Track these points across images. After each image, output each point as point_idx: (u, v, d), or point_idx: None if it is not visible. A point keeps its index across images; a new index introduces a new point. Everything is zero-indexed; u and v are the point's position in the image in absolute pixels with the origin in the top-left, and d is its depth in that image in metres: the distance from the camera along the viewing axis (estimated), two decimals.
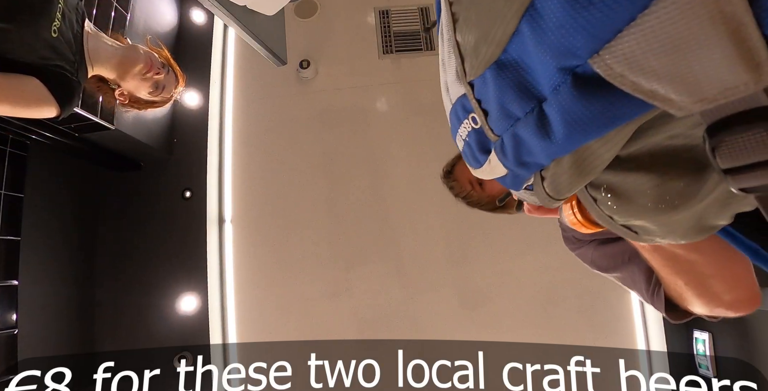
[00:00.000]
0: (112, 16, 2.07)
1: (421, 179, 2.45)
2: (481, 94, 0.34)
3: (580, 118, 0.27)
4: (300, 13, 2.77)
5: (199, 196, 2.53)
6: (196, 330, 2.40)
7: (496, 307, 2.39)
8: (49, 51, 0.97)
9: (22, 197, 2.06)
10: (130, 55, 1.12)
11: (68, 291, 2.31)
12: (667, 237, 0.36)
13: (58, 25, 0.98)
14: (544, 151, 0.31)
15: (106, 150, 2.32)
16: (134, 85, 1.14)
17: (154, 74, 1.13)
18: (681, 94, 0.22)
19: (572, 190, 0.35)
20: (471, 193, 1.03)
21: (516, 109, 0.31)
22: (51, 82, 0.97)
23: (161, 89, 1.18)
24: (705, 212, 0.33)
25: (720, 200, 0.32)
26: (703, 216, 0.34)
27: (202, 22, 2.72)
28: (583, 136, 0.28)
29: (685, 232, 0.35)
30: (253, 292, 2.54)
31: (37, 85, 0.95)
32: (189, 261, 2.46)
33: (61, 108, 1.00)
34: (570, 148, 0.30)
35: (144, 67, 1.11)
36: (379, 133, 2.62)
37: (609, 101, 0.25)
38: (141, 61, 1.12)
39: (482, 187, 1.01)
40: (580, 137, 0.28)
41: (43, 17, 0.95)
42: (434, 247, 2.45)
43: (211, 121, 2.63)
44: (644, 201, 0.34)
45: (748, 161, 0.23)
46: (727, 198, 0.32)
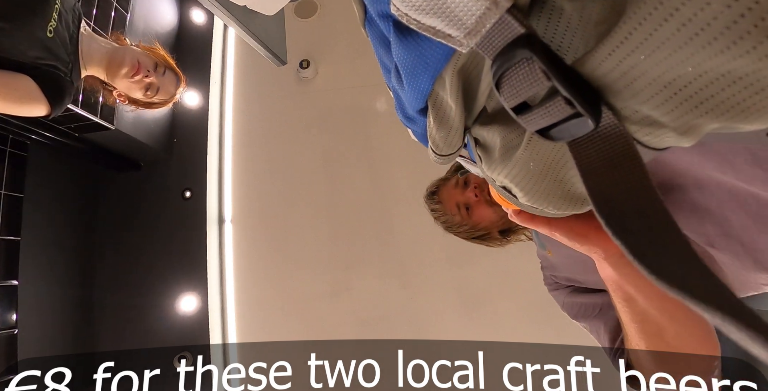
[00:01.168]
0: (112, 16, 2.06)
1: (421, 179, 2.44)
2: None
3: (408, 63, 0.27)
4: (300, 13, 2.77)
5: (199, 196, 2.53)
6: (196, 330, 2.40)
7: (496, 307, 2.39)
8: (43, 51, 0.98)
9: (22, 197, 2.06)
10: (117, 58, 1.11)
11: (68, 291, 2.31)
12: (534, 201, 0.34)
13: (54, 25, 0.98)
14: (406, 100, 0.32)
15: (106, 150, 2.32)
16: (124, 87, 1.14)
17: (143, 77, 1.12)
18: (452, 29, 0.21)
19: (448, 144, 0.35)
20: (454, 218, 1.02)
21: (387, 62, 0.31)
22: (43, 81, 0.98)
23: (155, 91, 1.17)
24: (560, 173, 0.30)
25: (560, 155, 0.29)
26: (561, 178, 0.31)
27: (202, 22, 2.72)
28: (416, 81, 0.28)
29: (549, 195, 0.33)
30: (253, 292, 2.54)
31: (29, 83, 0.96)
32: (189, 261, 2.46)
33: (51, 107, 1.00)
34: (417, 96, 0.30)
35: (130, 70, 1.11)
36: (379, 133, 2.62)
37: (419, 43, 0.25)
38: (127, 64, 1.11)
39: (470, 213, 0.99)
40: (415, 82, 0.28)
41: (38, 17, 0.96)
42: (434, 247, 2.45)
43: (211, 121, 2.63)
44: (495, 153, 0.33)
45: (522, 96, 0.21)
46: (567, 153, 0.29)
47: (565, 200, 0.33)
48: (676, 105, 0.19)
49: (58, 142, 2.06)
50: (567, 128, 0.22)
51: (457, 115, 0.31)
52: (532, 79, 0.20)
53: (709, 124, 0.20)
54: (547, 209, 0.34)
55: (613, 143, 0.22)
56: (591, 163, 0.22)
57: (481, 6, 0.20)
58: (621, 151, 0.22)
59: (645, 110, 0.21)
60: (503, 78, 0.21)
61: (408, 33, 0.25)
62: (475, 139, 0.36)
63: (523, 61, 0.20)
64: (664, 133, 0.22)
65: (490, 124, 0.32)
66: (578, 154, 0.23)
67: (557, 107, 0.20)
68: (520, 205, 0.36)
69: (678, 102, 0.19)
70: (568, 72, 0.20)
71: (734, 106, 0.18)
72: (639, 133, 0.23)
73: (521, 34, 0.20)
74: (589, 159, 0.23)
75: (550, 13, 0.22)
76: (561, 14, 0.22)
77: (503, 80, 0.21)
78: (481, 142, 0.35)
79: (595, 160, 0.22)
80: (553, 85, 0.20)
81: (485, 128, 0.33)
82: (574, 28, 0.22)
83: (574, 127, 0.21)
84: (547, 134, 0.23)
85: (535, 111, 0.21)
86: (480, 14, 0.20)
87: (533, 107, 0.22)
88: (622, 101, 0.21)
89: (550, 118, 0.21)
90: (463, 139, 0.36)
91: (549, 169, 0.30)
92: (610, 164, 0.22)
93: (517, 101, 0.22)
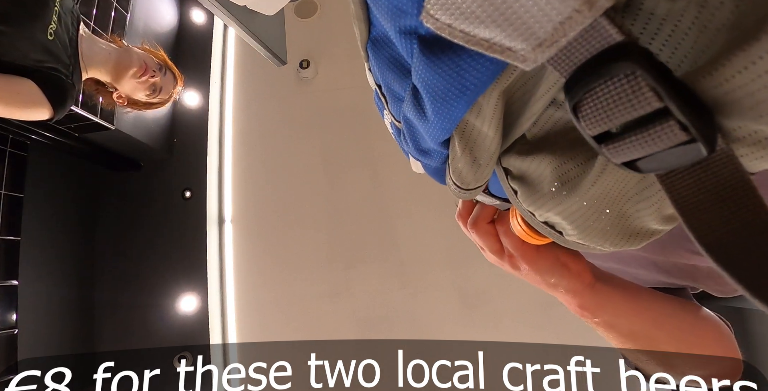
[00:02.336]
0: (112, 16, 2.06)
1: (421, 179, 2.44)
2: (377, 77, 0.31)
3: (438, 88, 0.23)
4: (300, 13, 2.77)
5: (199, 196, 2.53)
6: (196, 330, 2.40)
7: (496, 307, 2.39)
8: (44, 54, 0.97)
9: (22, 197, 2.06)
10: (124, 59, 1.12)
11: (68, 291, 2.31)
12: (589, 240, 0.30)
13: (54, 27, 0.98)
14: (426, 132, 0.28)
15: (106, 150, 2.32)
16: (130, 88, 1.14)
17: (149, 77, 1.13)
18: (515, 41, 0.18)
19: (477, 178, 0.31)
20: None
21: (398, 89, 0.28)
22: (45, 84, 0.97)
23: (158, 91, 1.17)
24: (624, 207, 0.27)
25: (629, 188, 0.25)
26: (624, 213, 0.27)
27: (202, 22, 2.72)
28: (448, 108, 0.24)
29: (607, 233, 0.29)
30: (253, 292, 2.54)
31: (31, 87, 0.95)
32: (189, 261, 2.46)
33: (54, 110, 1.00)
34: (445, 126, 0.26)
35: (138, 71, 1.11)
36: (379, 133, 2.62)
37: (456, 63, 0.22)
38: (135, 64, 1.11)
39: None
40: (446, 111, 0.25)
41: (39, 20, 0.95)
42: (434, 247, 2.45)
43: (211, 121, 2.63)
44: (545, 187, 0.28)
45: (616, 121, 0.18)
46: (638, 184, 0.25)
47: (624, 236, 0.29)
48: None
49: (58, 142, 2.06)
50: (666, 157, 0.18)
51: (494, 145, 0.27)
52: (635, 100, 0.17)
53: None
54: (603, 246, 0.30)
55: (717, 172, 0.18)
56: (689, 198, 0.19)
57: (567, 8, 0.16)
58: (729, 181, 0.18)
59: (763, 128, 0.17)
60: (585, 99, 0.18)
61: (440, 51, 0.22)
62: (505, 170, 0.31)
63: (620, 78, 0.16)
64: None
65: (535, 153, 0.28)
66: (672, 188, 0.19)
67: (666, 134, 0.17)
68: (564, 242, 0.32)
69: None
70: (682, 90, 0.17)
71: None
72: (747, 158, 0.19)
73: (617, 43, 0.16)
74: (686, 193, 0.19)
75: (650, 14, 0.18)
76: (664, 15, 0.18)
77: (584, 102, 0.18)
78: (516, 174, 0.31)
79: (694, 193, 0.19)
80: (665, 106, 0.16)
81: (526, 159, 0.28)
82: (683, 32, 0.18)
83: (678, 155, 0.18)
84: (633, 165, 0.19)
85: (629, 139, 0.18)
86: (562, 19, 0.16)
87: (622, 134, 0.18)
88: (740, 121, 0.17)
89: (651, 147, 0.17)
90: None
91: (613, 203, 0.26)
92: (715, 198, 0.18)
93: (605, 128, 0.18)
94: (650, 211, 0.26)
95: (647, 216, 0.26)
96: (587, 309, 0.48)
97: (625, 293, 0.49)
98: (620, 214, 0.27)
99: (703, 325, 0.50)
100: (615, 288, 0.49)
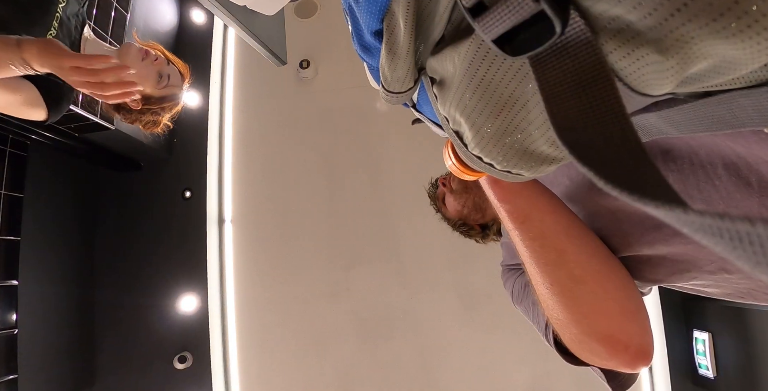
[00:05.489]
0: (113, 16, 2.07)
1: (420, 179, 2.44)
2: None
3: None
4: (300, 13, 2.77)
5: (199, 196, 2.53)
6: (196, 330, 2.40)
7: (496, 307, 2.38)
8: None
9: (22, 197, 2.06)
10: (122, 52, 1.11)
11: (68, 291, 2.31)
12: (492, 155, 0.30)
13: (53, 33, 0.99)
14: (362, 20, 0.31)
15: (106, 150, 2.32)
16: (139, 75, 1.12)
17: (152, 60, 1.11)
18: None
19: (397, 78, 0.33)
20: (439, 211, 1.02)
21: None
22: (44, 88, 0.98)
23: (167, 78, 1.15)
24: (515, 120, 0.27)
25: (518, 92, 0.25)
26: (517, 126, 0.27)
27: (202, 22, 2.72)
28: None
29: (499, 147, 0.29)
30: (253, 292, 2.54)
31: (31, 90, 0.96)
32: (189, 261, 2.46)
33: (49, 113, 1.01)
34: (373, 10, 0.28)
35: (138, 54, 1.09)
36: (379, 133, 2.62)
37: None
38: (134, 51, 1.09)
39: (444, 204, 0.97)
40: None
41: (39, 25, 0.96)
42: (434, 246, 2.45)
43: (211, 121, 2.63)
44: (451, 83, 0.29)
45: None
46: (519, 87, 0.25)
47: (522, 156, 0.29)
48: (658, 4, 0.17)
49: (58, 142, 2.06)
50: (528, 39, 0.19)
51: (406, 40, 0.29)
52: None
53: (693, 45, 0.18)
54: (514, 168, 0.30)
55: (582, 61, 0.19)
56: (555, 87, 0.20)
57: None
58: (590, 70, 0.19)
59: (622, 13, 0.18)
60: None
61: None
62: (431, 79, 0.33)
63: None
64: (643, 52, 0.19)
65: (443, 49, 0.29)
66: (542, 76, 0.20)
67: (519, 3, 0.18)
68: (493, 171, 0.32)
69: (660, 1, 0.17)
70: None
71: (721, 14, 0.16)
72: (615, 55, 0.20)
73: None
74: (553, 82, 0.20)
75: None
76: None
77: None
78: (438, 80, 0.32)
79: (560, 83, 0.20)
80: None
81: (438, 58, 0.29)
82: None
83: (538, 34, 0.19)
84: (506, 48, 0.20)
85: (494, 10, 0.19)
86: None
87: (491, 6, 0.19)
88: (600, 3, 0.18)
89: (510, 18, 0.18)
90: (417, 78, 0.33)
91: (504, 107, 0.27)
92: (577, 87, 0.19)
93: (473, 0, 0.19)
94: (539, 132, 0.27)
95: (539, 138, 0.27)
96: (504, 188, 0.46)
97: (551, 199, 0.48)
98: (512, 124, 0.27)
99: (614, 264, 0.47)
100: (543, 189, 0.48)
